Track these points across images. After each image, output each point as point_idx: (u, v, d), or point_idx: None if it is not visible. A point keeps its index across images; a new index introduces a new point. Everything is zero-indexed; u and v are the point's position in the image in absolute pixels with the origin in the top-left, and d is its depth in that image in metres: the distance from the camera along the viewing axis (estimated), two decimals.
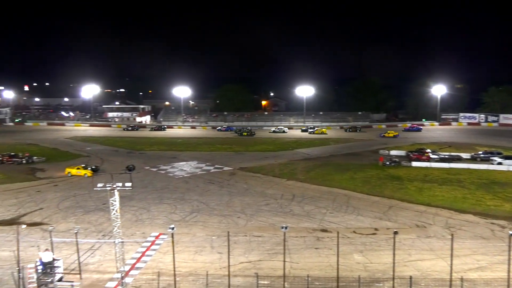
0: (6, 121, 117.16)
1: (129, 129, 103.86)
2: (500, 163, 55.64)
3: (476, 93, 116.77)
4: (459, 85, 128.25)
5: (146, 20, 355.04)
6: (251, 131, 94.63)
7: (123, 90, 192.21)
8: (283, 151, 70.51)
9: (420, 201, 40.28)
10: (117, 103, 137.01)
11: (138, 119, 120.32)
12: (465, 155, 60.99)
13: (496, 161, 56.46)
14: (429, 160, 57.98)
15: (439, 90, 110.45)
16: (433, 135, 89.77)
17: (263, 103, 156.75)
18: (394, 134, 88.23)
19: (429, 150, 62.29)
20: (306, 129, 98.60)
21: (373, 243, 30.06)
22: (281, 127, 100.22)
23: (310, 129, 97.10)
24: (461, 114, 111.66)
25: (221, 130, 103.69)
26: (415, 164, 56.56)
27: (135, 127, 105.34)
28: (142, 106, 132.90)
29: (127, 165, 55.55)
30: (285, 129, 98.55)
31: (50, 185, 47.11)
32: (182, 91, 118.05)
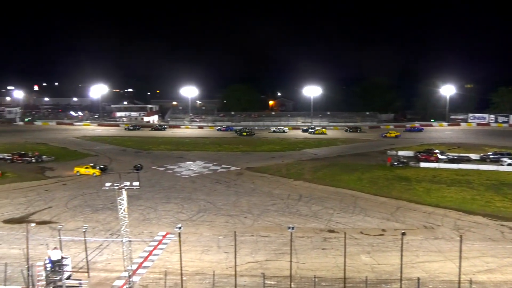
0: (16, 121, 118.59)
1: (131, 129, 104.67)
2: (510, 164, 54.94)
3: (485, 93, 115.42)
4: (469, 85, 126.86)
5: (154, 21, 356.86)
6: (251, 131, 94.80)
7: (131, 90, 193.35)
8: (290, 151, 70.41)
9: (428, 202, 39.96)
10: (125, 103, 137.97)
11: (145, 119, 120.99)
12: (474, 156, 60.36)
13: (506, 162, 55.75)
14: (438, 161, 57.48)
15: (448, 90, 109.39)
16: (442, 136, 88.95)
17: (270, 103, 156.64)
18: (396, 134, 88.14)
19: (437, 150, 61.76)
20: (307, 129, 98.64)
21: (381, 244, 29.89)
22: (280, 127, 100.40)
23: (310, 129, 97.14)
24: (471, 114, 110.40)
25: (221, 130, 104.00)
26: (423, 164, 56.12)
27: (136, 127, 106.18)
28: (149, 106, 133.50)
29: (135, 165, 55.92)
30: (285, 129, 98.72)
31: (59, 184, 47.61)
32: (189, 91, 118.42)
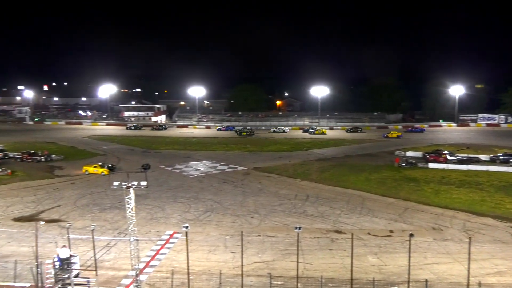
0: (26, 120, 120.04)
1: (132, 128, 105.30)
2: None
3: (495, 94, 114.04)
4: (479, 85, 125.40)
5: (162, 21, 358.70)
6: (251, 131, 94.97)
7: (139, 90, 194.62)
8: (297, 152, 70.27)
9: (436, 204, 39.59)
10: (133, 102, 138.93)
11: (153, 119, 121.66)
12: (484, 157, 59.64)
13: None
14: (446, 161, 56.93)
15: (457, 90, 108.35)
16: (450, 136, 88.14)
17: (278, 103, 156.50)
18: (397, 134, 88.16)
19: (446, 151, 61.19)
20: (307, 129, 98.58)
21: (388, 245, 29.68)
22: (281, 127, 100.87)
23: (310, 129, 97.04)
24: (480, 115, 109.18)
25: (221, 129, 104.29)
26: (431, 165, 55.63)
27: (138, 126, 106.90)
28: (157, 105, 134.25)
29: (143, 164, 55.99)
30: (285, 129, 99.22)
31: (67, 182, 48.06)
32: (197, 91, 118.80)
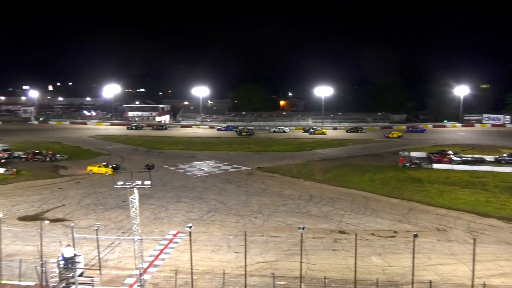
0: (31, 120, 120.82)
1: (133, 128, 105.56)
2: None
3: (501, 94, 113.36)
4: (484, 85, 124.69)
5: (166, 21, 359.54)
6: (251, 131, 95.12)
7: (143, 90, 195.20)
8: (301, 152, 70.20)
9: (441, 204, 39.38)
10: (137, 102, 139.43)
11: (157, 119, 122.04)
12: (489, 158, 59.25)
13: None
14: (451, 162, 56.63)
15: (461, 90, 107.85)
16: (455, 137, 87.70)
17: (282, 103, 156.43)
18: (398, 134, 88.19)
19: (451, 152, 60.89)
20: (308, 129, 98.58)
21: (392, 246, 29.58)
22: (281, 127, 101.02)
23: (311, 129, 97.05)
24: (485, 115, 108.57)
25: (221, 129, 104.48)
26: (436, 166, 55.37)
27: (139, 126, 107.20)
28: (161, 105, 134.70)
29: (147, 164, 56.31)
30: (285, 129, 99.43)
31: (72, 182, 48.27)
32: (200, 91, 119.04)
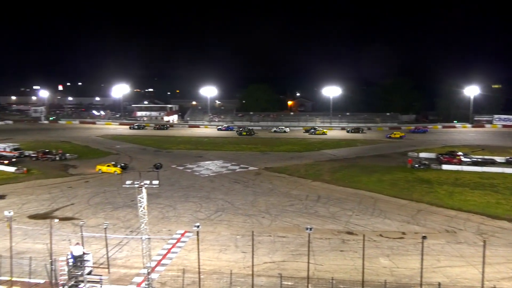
0: (41, 119, 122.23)
1: (135, 128, 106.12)
2: None
3: None
4: (496, 86, 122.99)
5: (175, 22, 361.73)
6: (251, 131, 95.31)
7: (152, 89, 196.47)
8: (308, 152, 70.02)
9: (450, 206, 38.98)
10: (145, 102, 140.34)
11: (165, 118, 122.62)
12: (500, 159, 58.47)
13: None
14: (461, 163, 56.01)
15: (472, 90, 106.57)
16: (465, 138, 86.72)
17: (289, 103, 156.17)
18: (400, 135, 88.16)
19: (460, 153, 60.22)
20: (309, 129, 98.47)
21: (400, 247, 29.36)
22: (281, 127, 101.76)
23: (311, 130, 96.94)
24: (496, 116, 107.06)
25: (221, 129, 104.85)
26: (445, 167, 54.81)
27: (141, 126, 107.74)
28: (169, 105, 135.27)
29: (155, 163, 56.62)
30: (285, 129, 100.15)
31: (81, 181, 48.75)
32: (208, 91, 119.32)
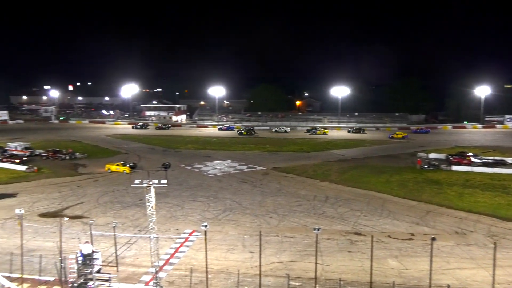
0: (51, 119, 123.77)
1: (138, 127, 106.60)
2: None
3: None
4: (508, 86, 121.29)
5: (183, 22, 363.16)
6: (251, 131, 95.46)
7: (160, 89, 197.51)
8: (316, 152, 69.81)
9: (460, 207, 38.55)
10: (154, 102, 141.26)
11: (174, 118, 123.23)
12: (511, 160, 57.72)
13: None
14: (471, 164, 55.37)
15: (483, 90, 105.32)
16: (475, 138, 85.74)
17: (297, 103, 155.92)
18: (403, 135, 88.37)
19: (471, 153, 59.54)
20: (310, 129, 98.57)
21: (409, 248, 29.12)
22: (282, 127, 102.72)
23: (312, 130, 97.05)
24: (507, 116, 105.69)
25: (222, 129, 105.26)
26: (455, 168, 54.26)
27: (144, 126, 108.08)
28: (178, 105, 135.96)
29: (163, 163, 56.62)
30: (286, 129, 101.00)
31: (90, 180, 49.20)
32: (217, 91, 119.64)
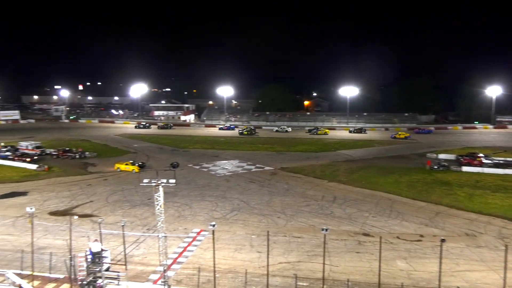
0: (62, 118, 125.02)
1: (141, 127, 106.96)
2: None
3: None
4: None
5: (192, 23, 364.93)
6: (252, 131, 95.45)
7: (169, 89, 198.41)
8: (325, 152, 69.54)
9: (470, 208, 38.10)
10: (163, 102, 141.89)
11: (182, 118, 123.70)
12: None
13: None
14: (482, 165, 54.69)
15: (494, 90, 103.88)
16: (486, 139, 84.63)
17: (306, 103, 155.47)
18: (405, 135, 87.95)
19: (481, 154, 58.79)
20: (311, 129, 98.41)
21: (418, 250, 28.87)
22: (283, 126, 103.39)
23: (313, 129, 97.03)
24: None
25: (222, 128, 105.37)
26: (465, 169, 53.63)
27: (146, 125, 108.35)
28: (186, 105, 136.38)
29: (172, 162, 57.08)
30: (287, 129, 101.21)
31: (100, 179, 49.64)
32: (225, 91, 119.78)
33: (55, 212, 37.05)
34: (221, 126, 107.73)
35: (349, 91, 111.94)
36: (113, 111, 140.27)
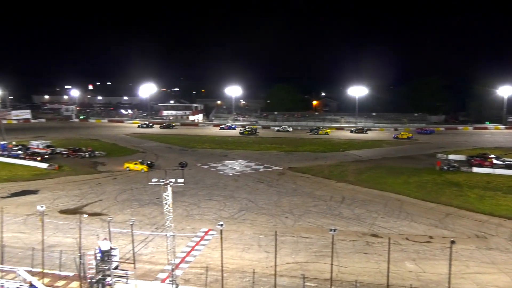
0: (72, 118, 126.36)
1: (144, 126, 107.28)
2: None
3: None
4: None
5: (201, 23, 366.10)
6: (253, 130, 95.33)
7: (178, 89, 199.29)
8: (333, 152, 69.26)
9: (481, 210, 37.62)
10: (171, 102, 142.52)
11: (191, 117, 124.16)
12: None
13: None
14: (493, 166, 53.96)
15: (506, 90, 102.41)
16: (498, 139, 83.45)
17: (314, 103, 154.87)
18: (408, 135, 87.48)
19: (493, 155, 58.01)
20: (312, 129, 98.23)
21: (427, 251, 28.59)
22: (284, 126, 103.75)
23: (315, 129, 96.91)
24: None
25: (224, 128, 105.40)
26: (476, 170, 52.97)
27: (149, 125, 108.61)
28: (195, 105, 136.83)
29: (180, 162, 57.39)
30: (288, 129, 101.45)
31: (109, 178, 50.05)
32: (233, 91, 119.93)
33: (65, 210, 37.47)
34: (222, 126, 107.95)
35: (357, 91, 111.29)
36: (123, 111, 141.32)
